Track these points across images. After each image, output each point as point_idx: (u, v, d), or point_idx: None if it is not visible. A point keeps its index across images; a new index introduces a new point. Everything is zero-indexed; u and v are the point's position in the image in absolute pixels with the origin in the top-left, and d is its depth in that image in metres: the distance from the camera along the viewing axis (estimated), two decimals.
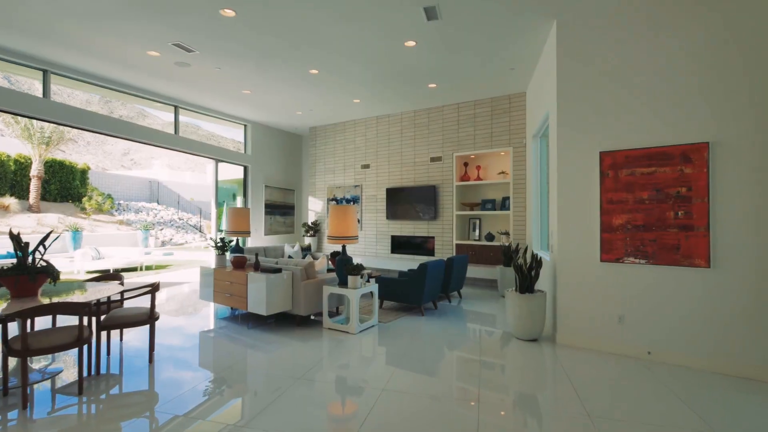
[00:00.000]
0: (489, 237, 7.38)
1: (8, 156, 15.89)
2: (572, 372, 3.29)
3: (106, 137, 27.76)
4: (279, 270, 4.44)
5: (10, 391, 2.81)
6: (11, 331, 3.63)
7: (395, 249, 8.60)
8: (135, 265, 9.42)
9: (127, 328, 3.51)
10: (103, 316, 3.45)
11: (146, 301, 5.74)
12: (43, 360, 3.52)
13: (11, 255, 8.82)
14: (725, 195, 3.20)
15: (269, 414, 2.58)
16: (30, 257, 2.91)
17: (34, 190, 15.84)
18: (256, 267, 4.58)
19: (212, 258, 7.66)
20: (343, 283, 4.47)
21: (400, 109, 8.25)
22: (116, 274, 3.92)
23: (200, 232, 20.62)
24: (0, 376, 2.91)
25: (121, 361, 3.55)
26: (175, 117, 7.40)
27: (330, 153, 9.69)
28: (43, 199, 16.89)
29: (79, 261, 8.77)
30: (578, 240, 3.83)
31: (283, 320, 4.78)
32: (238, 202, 9.63)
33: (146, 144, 7.00)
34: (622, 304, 3.61)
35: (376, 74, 6.00)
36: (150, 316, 3.33)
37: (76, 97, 27.16)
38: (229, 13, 4.12)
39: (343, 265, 4.41)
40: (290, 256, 6.65)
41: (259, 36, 4.66)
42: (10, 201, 15.22)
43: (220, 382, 3.14)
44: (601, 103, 3.73)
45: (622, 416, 2.56)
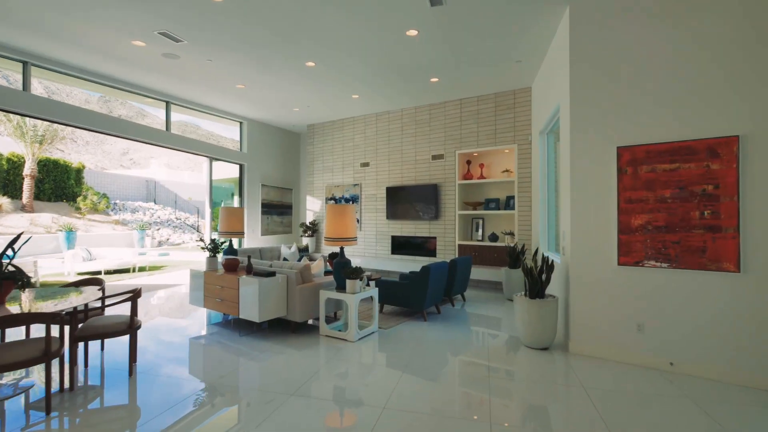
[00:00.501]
0: (493, 237, 7.12)
1: (0, 155, 15.59)
2: (589, 384, 3.03)
3: (105, 137, 27.61)
4: (273, 273, 4.17)
5: None
6: None
7: (396, 250, 8.33)
8: (127, 267, 9.14)
9: (106, 339, 3.23)
10: (81, 325, 3.18)
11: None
12: (17, 372, 3.25)
13: None
14: (757, 193, 2.93)
15: None
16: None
17: (28, 189, 15.55)
18: (249, 270, 4.31)
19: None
20: (341, 287, 4.21)
21: (400, 106, 7.98)
22: (96, 279, 3.65)
23: (198, 231, 20.35)
24: None
25: (103, 374, 3.28)
26: (166, 113, 7.13)
27: (328, 151, 9.41)
28: (37, 198, 16.60)
29: (69, 262, 8.49)
30: (593, 242, 3.56)
31: (278, 326, 4.51)
32: (236, 202, 9.36)
33: (137, 141, 6.72)
34: (641, 311, 3.34)
35: (375, 67, 5.73)
36: (130, 326, 3.06)
37: (76, 96, 26.87)
38: None
39: (341, 268, 4.14)
40: (285, 258, 6.38)
41: (251, 25, 4.39)
42: (3, 200, 14.93)
43: (209, 395, 2.87)
44: (618, 93, 3.46)
45: None
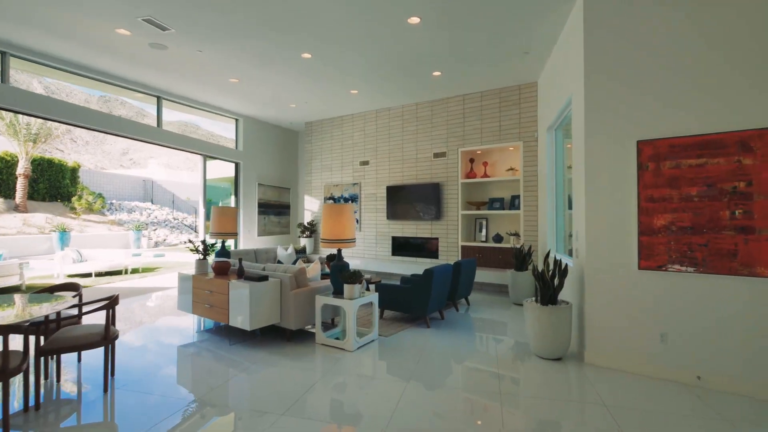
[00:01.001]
0: (497, 238, 6.84)
1: None
2: (609, 400, 2.76)
3: (105, 137, 27.36)
4: (265, 278, 3.90)
5: None
6: None
7: (396, 251, 8.06)
8: (119, 269, 8.86)
9: (76, 352, 2.93)
10: (52, 336, 2.90)
11: (115, 316, 5.19)
12: None
13: None
14: None
15: None
16: None
17: (21, 189, 15.27)
18: (240, 274, 4.04)
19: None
20: (339, 292, 3.94)
21: (401, 102, 7.70)
22: (72, 284, 3.38)
23: (195, 232, 20.08)
24: None
25: (79, 389, 3.02)
26: (157, 108, 6.85)
27: (327, 149, 9.14)
28: (30, 198, 16.31)
29: (59, 264, 8.21)
30: (611, 244, 3.29)
31: (271, 333, 4.24)
32: (233, 202, 9.08)
33: (127, 138, 6.45)
34: (664, 320, 3.07)
35: (375, 59, 5.46)
36: (105, 337, 2.78)
37: (75, 96, 26.58)
38: None
39: (339, 272, 3.87)
40: (280, 261, 6.10)
41: (241, 12, 4.11)
42: None
43: (195, 412, 2.60)
44: (639, 82, 3.18)
45: None
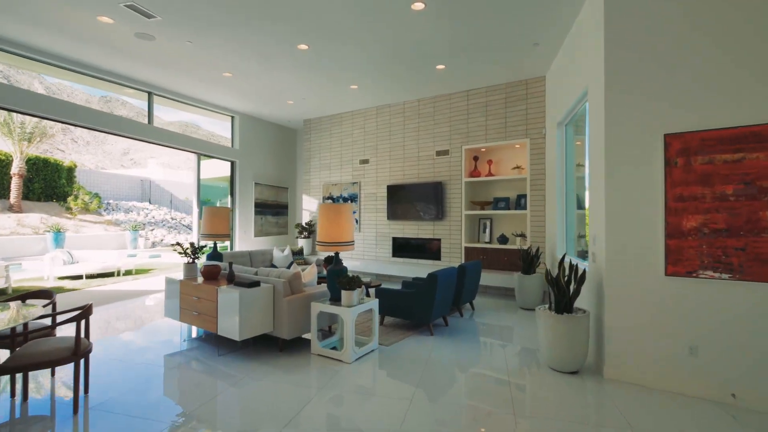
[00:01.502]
0: (502, 239, 6.56)
1: None
2: (633, 418, 2.48)
3: (106, 137, 27.13)
4: (257, 283, 3.61)
5: None
6: None
7: (397, 252, 7.77)
8: (112, 270, 8.58)
9: (40, 369, 2.62)
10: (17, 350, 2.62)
11: (94, 326, 4.94)
12: None
13: None
14: None
15: None
16: None
17: (15, 188, 15.01)
18: (230, 279, 3.76)
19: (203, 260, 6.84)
20: (336, 299, 3.65)
21: (402, 98, 7.41)
22: (46, 291, 3.09)
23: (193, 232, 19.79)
24: None
25: (53, 406, 2.74)
26: (148, 104, 6.57)
27: (326, 147, 8.85)
28: (26, 198, 16.05)
29: (49, 266, 7.94)
30: (634, 248, 3.00)
31: (263, 342, 3.96)
32: (229, 202, 8.80)
33: (116, 135, 6.17)
34: (695, 331, 2.78)
35: (376, 51, 5.17)
36: (74, 352, 2.50)
37: (77, 96, 26.32)
38: None
39: (336, 277, 3.59)
40: (273, 265, 5.82)
41: None
42: None
43: None
44: (665, 69, 2.89)
45: None
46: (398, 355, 3.70)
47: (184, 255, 4.17)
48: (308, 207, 9.18)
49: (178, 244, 4.17)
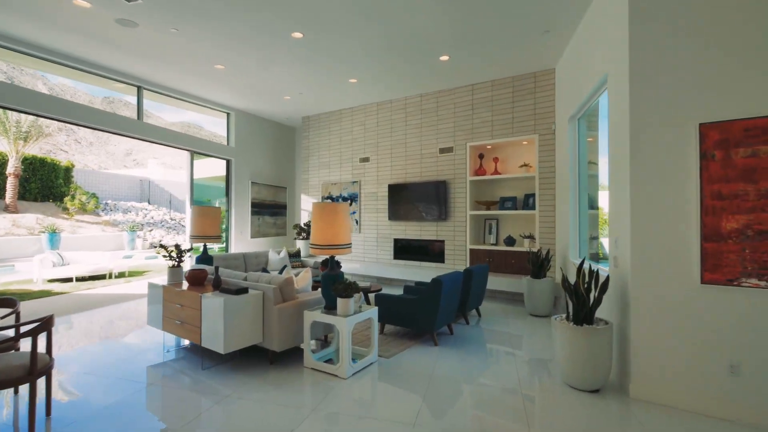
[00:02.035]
0: (509, 241, 6.22)
1: None
2: None
3: (109, 137, 26.96)
4: (245, 290, 3.30)
5: None
6: None
7: (399, 254, 7.45)
8: (104, 273, 8.29)
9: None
10: None
11: (73, 335, 4.64)
12: None
13: None
14: None
15: None
16: None
17: (11, 188, 14.77)
18: (216, 285, 3.45)
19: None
20: (331, 307, 3.33)
21: (404, 93, 7.10)
22: (9, 299, 2.79)
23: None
24: None
25: (17, 429, 2.43)
26: (138, 99, 6.27)
27: (325, 145, 8.54)
28: (22, 198, 15.82)
29: (37, 268, 7.65)
30: (664, 252, 2.67)
31: (252, 353, 3.64)
32: (226, 202, 8.50)
33: (104, 131, 5.89)
34: (736, 346, 2.45)
35: (376, 41, 4.86)
36: (30, 371, 2.19)
37: (80, 97, 26.12)
38: None
39: (331, 283, 3.27)
40: (265, 269, 5.51)
41: None
42: None
43: None
44: (701, 46, 2.56)
45: None
46: (399, 368, 3.38)
47: (168, 258, 3.86)
48: (307, 207, 8.88)
49: (162, 246, 3.85)
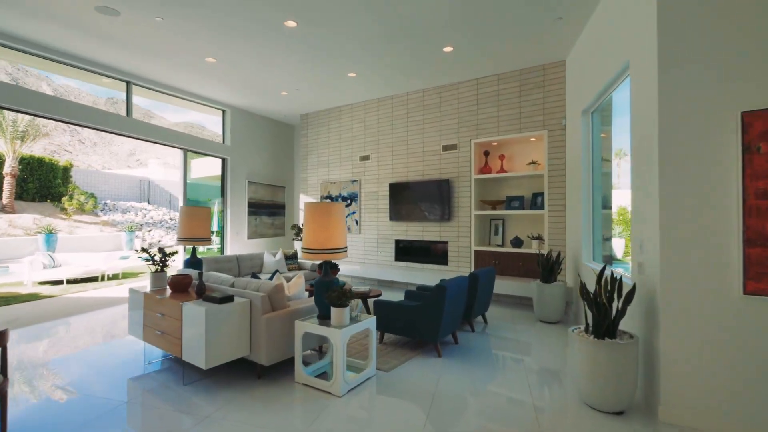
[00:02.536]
0: (516, 242, 5.91)
1: None
2: None
3: (113, 138, 26.78)
4: (230, 298, 3.01)
5: None
6: None
7: (400, 256, 7.15)
8: (96, 275, 8.03)
9: None
10: None
11: (53, 341, 4.38)
12: None
13: None
14: None
15: None
16: None
17: (8, 188, 14.58)
18: (199, 292, 3.16)
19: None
20: (325, 316, 3.04)
21: (405, 89, 6.80)
22: None
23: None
24: None
25: None
26: (127, 95, 6.01)
27: (324, 143, 8.25)
28: (19, 198, 15.63)
29: (28, 270, 7.40)
30: (698, 258, 2.36)
31: (239, 367, 3.35)
32: (223, 202, 8.23)
33: (93, 129, 5.62)
34: None
35: (376, 30, 4.56)
36: None
37: (83, 98, 25.95)
38: None
39: (324, 290, 2.98)
40: (256, 274, 5.22)
41: None
42: None
43: None
44: (742, 21, 2.25)
45: None
46: (400, 383, 3.08)
47: (151, 263, 3.58)
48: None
49: (144, 249, 3.57)
